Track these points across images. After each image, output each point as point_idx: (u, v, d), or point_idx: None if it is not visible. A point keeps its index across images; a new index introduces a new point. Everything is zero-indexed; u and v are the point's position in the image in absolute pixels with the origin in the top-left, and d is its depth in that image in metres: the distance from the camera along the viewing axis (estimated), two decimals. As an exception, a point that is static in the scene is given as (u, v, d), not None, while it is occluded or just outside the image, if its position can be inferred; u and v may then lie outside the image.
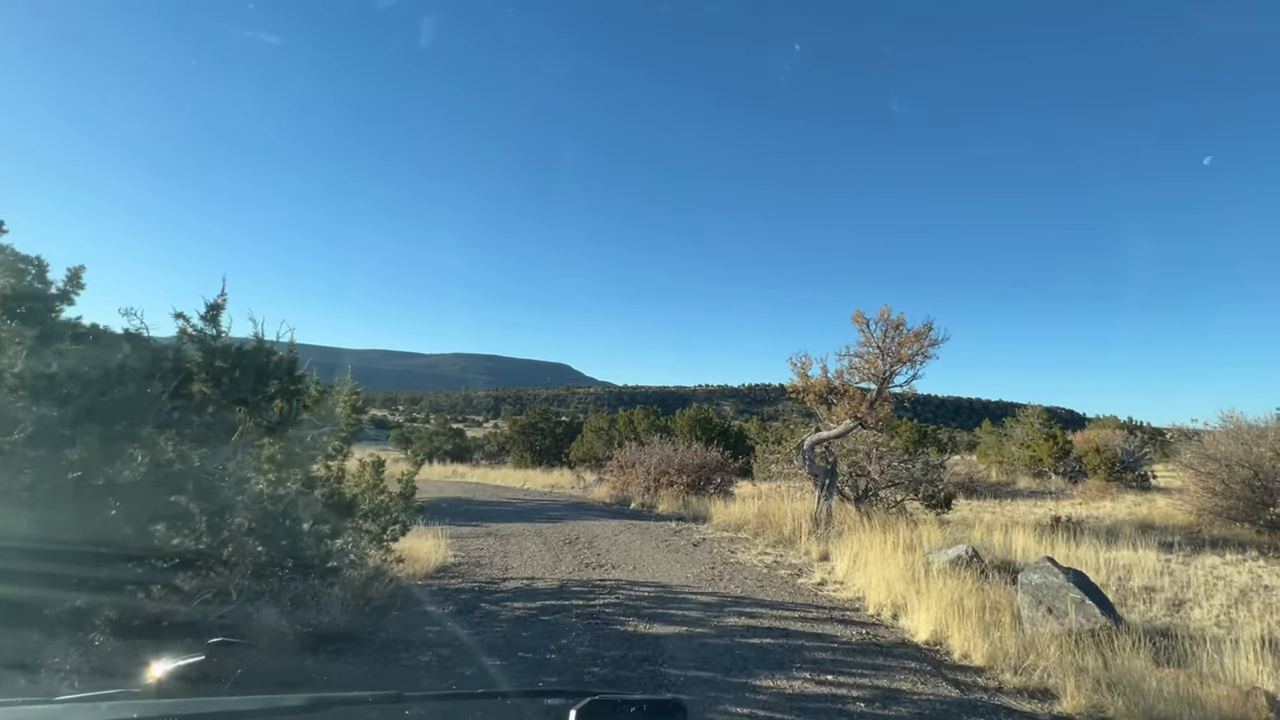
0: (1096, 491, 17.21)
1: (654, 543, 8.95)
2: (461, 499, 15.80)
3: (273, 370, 4.01)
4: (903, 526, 8.80)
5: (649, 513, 13.26)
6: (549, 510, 13.43)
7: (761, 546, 8.48)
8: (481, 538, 9.44)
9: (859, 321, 9.34)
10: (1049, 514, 13.61)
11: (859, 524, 9.01)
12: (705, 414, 27.27)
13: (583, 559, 7.70)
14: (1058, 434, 21.42)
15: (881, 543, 7.36)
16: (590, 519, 11.77)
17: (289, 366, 4.15)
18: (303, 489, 4.37)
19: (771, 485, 12.21)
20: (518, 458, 31.20)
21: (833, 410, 10.08)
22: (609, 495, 15.91)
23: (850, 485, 10.85)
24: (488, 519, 11.74)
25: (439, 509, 13.52)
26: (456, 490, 18.43)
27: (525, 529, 10.29)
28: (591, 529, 10.29)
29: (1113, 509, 14.52)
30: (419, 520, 10.11)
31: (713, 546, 8.71)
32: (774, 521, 9.57)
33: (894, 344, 9.07)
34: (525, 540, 9.15)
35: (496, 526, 10.66)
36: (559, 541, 9.00)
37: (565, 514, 12.66)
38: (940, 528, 8.59)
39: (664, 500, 14.03)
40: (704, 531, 10.12)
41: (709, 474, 15.34)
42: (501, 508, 13.84)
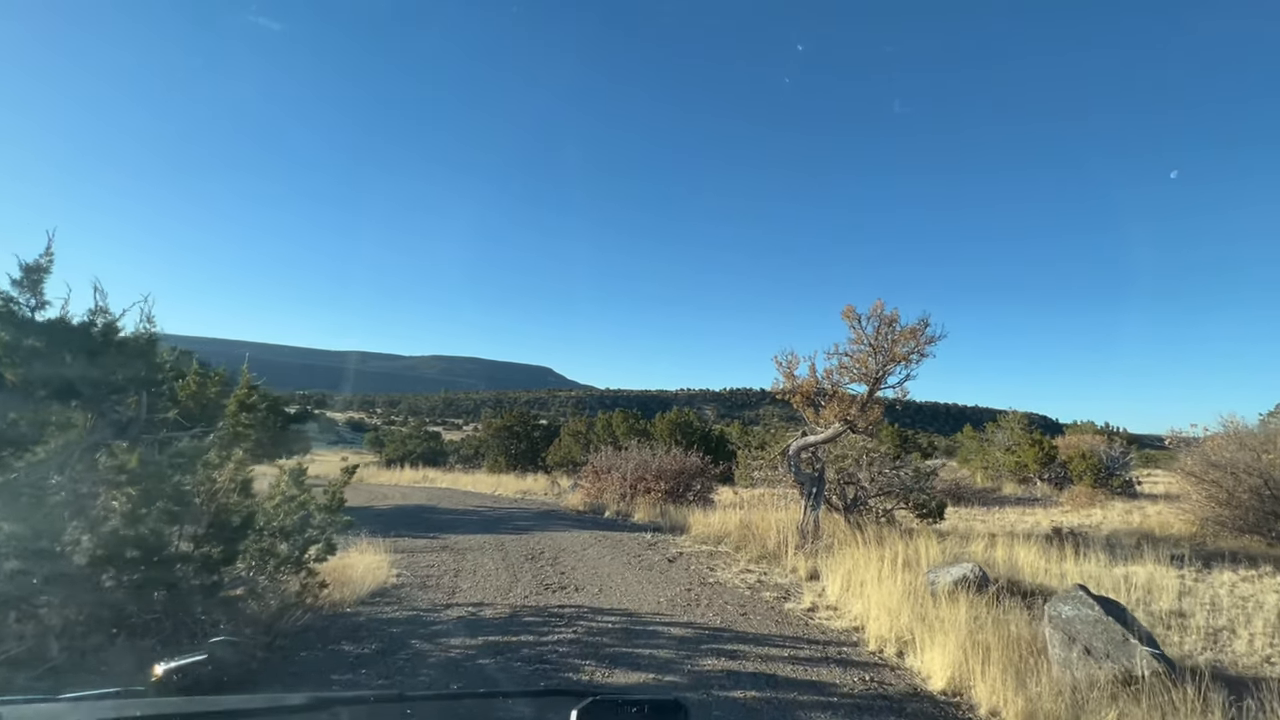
0: (1085, 498, 16.76)
1: (625, 558, 8.08)
2: (425, 506, 14.78)
3: (117, 354, 3.08)
4: (897, 539, 8.06)
5: (624, 522, 12.39)
6: (516, 519, 12.50)
7: (744, 562, 7.66)
8: (435, 552, 8.49)
9: (849, 317, 8.61)
10: (1041, 523, 13.04)
11: (849, 537, 8.25)
12: (686, 418, 26.49)
13: (543, 578, 6.81)
14: (1043, 440, 21.03)
15: (876, 559, 6.61)
16: (559, 529, 10.87)
17: (142, 350, 3.23)
18: (170, 504, 3.44)
19: (755, 492, 11.42)
20: (492, 462, 30.07)
21: (820, 413, 9.33)
22: (582, 503, 15.01)
23: (838, 494, 10.11)
24: (448, 529, 10.77)
25: (397, 518, 12.52)
26: (422, 497, 17.37)
27: (486, 541, 9.36)
28: (559, 541, 9.40)
29: (1105, 517, 14.01)
30: (366, 532, 9.17)
31: (690, 562, 7.87)
32: (757, 533, 8.77)
33: (887, 341, 8.35)
34: (483, 555, 8.23)
35: (455, 539, 9.71)
36: (520, 557, 8.10)
37: (533, 524, 11.74)
38: (938, 542, 7.88)
39: (640, 508, 13.18)
40: (681, 544, 9.29)
41: (688, 480, 14.54)
42: (466, 516, 12.86)
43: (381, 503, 15.68)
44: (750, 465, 10.36)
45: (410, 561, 7.82)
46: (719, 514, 10.54)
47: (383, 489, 21.06)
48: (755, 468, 10.05)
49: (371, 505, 15.13)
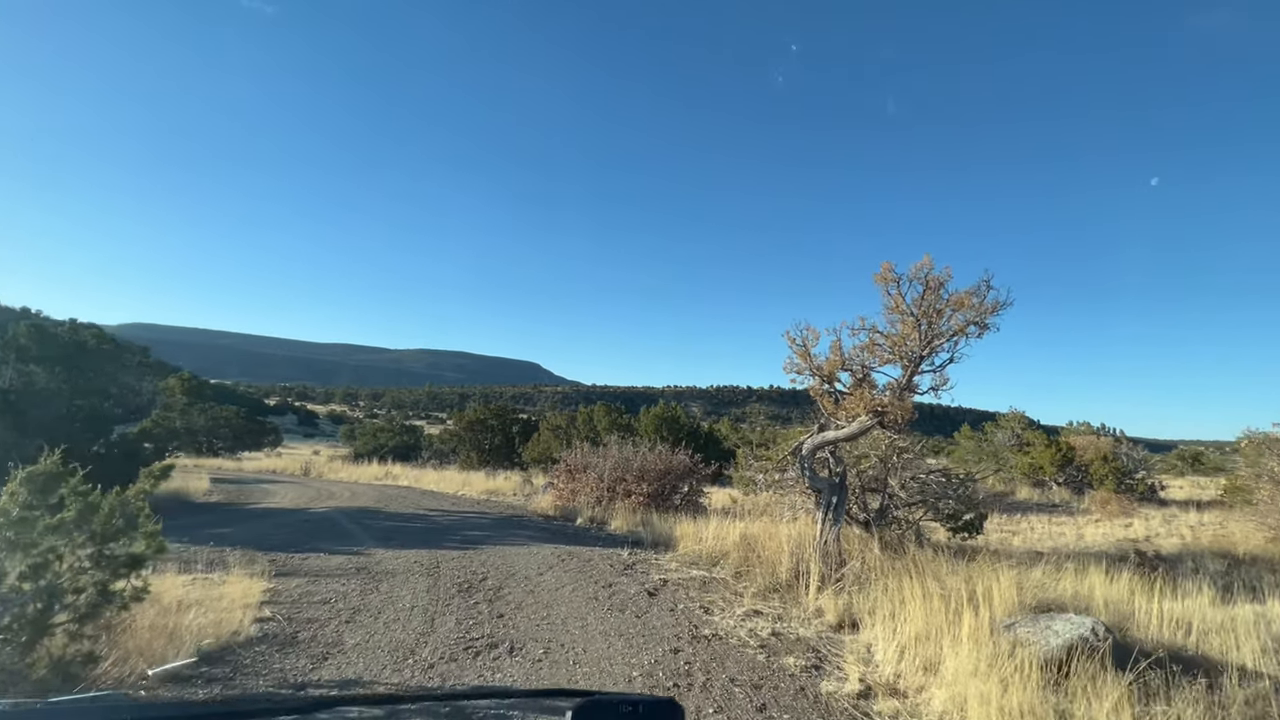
0: (1114, 505, 15.08)
1: (592, 589, 6.13)
2: (369, 510, 12.72)
3: None
4: (943, 566, 6.21)
5: (598, 532, 10.44)
6: (470, 528, 10.49)
7: (749, 599, 5.73)
8: (344, 577, 6.49)
9: (886, 279, 6.71)
10: (1086, 536, 11.29)
11: (882, 562, 6.38)
12: (672, 413, 24.59)
13: (470, 627, 4.84)
14: (1059, 440, 19.40)
15: (930, 598, 4.74)
16: (517, 543, 8.90)
17: None
18: None
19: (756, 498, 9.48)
20: (465, 458, 27.95)
21: (841, 403, 7.45)
22: (553, 507, 13.04)
23: (858, 503, 8.24)
24: (380, 541, 8.76)
25: (325, 526, 10.46)
26: (372, 497, 15.28)
27: (419, 561, 7.37)
28: (511, 562, 7.43)
29: (1154, 529, 12.30)
30: (272, 546, 7.14)
31: (678, 597, 5.94)
32: (763, 554, 6.86)
33: (933, 310, 6.47)
34: (405, 584, 6.24)
35: (383, 555, 7.70)
36: (453, 587, 6.11)
37: (488, 534, 9.74)
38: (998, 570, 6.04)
39: (619, 515, 11.24)
40: (666, 566, 7.36)
41: (675, 482, 12.62)
42: (410, 524, 10.83)
43: (320, 504, 13.59)
44: (751, 468, 8.43)
45: (302, 593, 5.81)
46: (713, 525, 8.62)
47: (333, 487, 18.92)
48: (758, 470, 8.13)
49: (307, 507, 13.05)
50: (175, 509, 12.34)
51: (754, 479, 8.26)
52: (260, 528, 10.08)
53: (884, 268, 6.68)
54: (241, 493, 16.29)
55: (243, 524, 10.51)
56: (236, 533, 9.38)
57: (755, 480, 8.12)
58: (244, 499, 14.76)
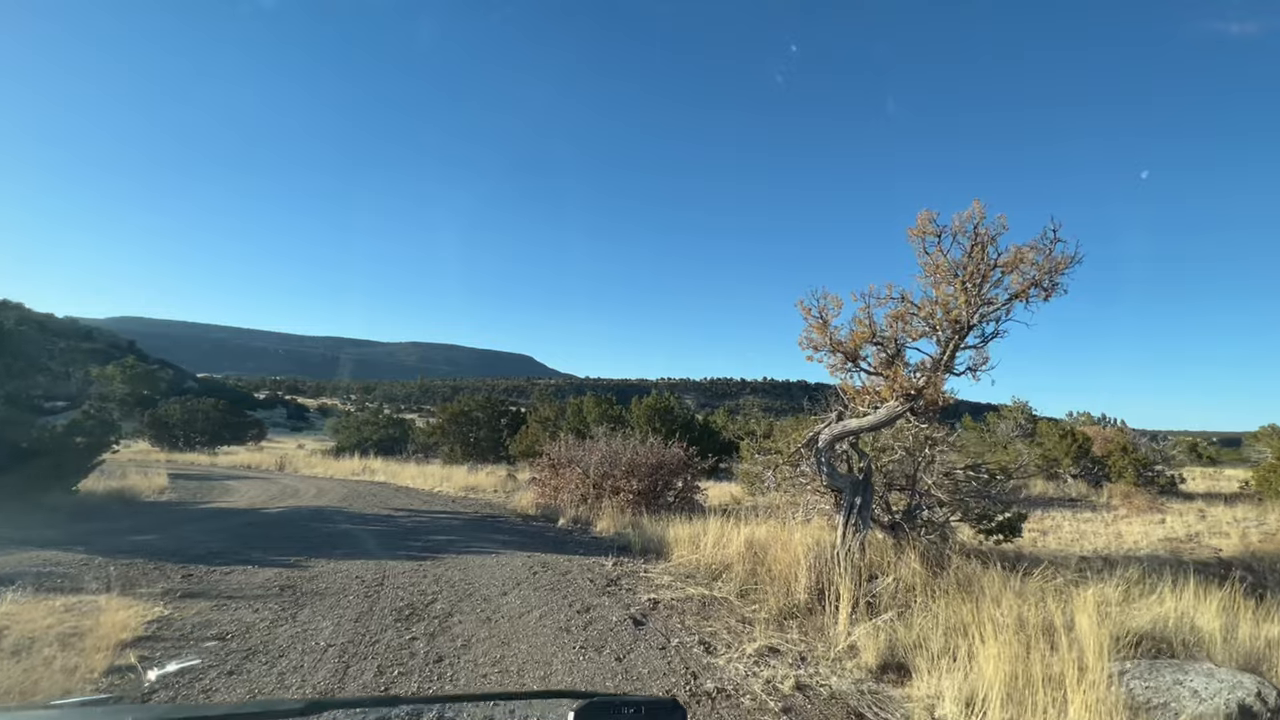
0: (1141, 500, 14.03)
1: (565, 615, 4.94)
2: (329, 509, 11.48)
3: None
4: (995, 580, 5.06)
5: (580, 536, 9.25)
6: (436, 531, 9.27)
7: (760, 630, 4.55)
8: (262, 600, 5.26)
9: (923, 233, 5.51)
10: (1127, 536, 10.20)
11: (920, 576, 5.22)
12: (666, 403, 23.39)
13: (394, 679, 3.60)
14: (1077, 431, 18.35)
15: (1005, 632, 3.60)
16: (486, 550, 7.69)
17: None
18: None
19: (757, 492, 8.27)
20: (448, 452, 26.66)
21: (864, 385, 6.28)
22: (534, 505, 11.85)
23: (880, 503, 7.07)
24: (326, 549, 7.53)
25: (270, 529, 9.16)
26: (338, 495, 14.03)
27: (362, 576, 6.15)
28: (473, 576, 6.23)
29: (1189, 526, 11.24)
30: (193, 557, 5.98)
31: (670, 627, 4.75)
32: (775, 567, 5.68)
33: (985, 269, 5.28)
34: (333, 609, 5.02)
35: (321, 569, 6.48)
36: (391, 613, 4.90)
37: (455, 539, 8.53)
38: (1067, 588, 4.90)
39: (605, 515, 10.06)
40: (657, 581, 6.17)
41: (668, 478, 11.44)
42: (369, 526, 9.60)
43: (279, 503, 12.33)
44: (757, 462, 7.23)
45: (195, 625, 4.57)
46: (712, 528, 7.44)
47: (302, 483, 17.63)
48: (767, 466, 6.92)
49: (263, 507, 11.79)
50: (115, 510, 11.06)
51: (761, 476, 7.07)
52: (196, 532, 8.83)
53: (921, 219, 5.48)
54: (199, 490, 15.01)
55: (180, 528, 9.25)
56: (163, 540, 8.12)
57: (763, 477, 6.93)
58: (198, 497, 13.48)
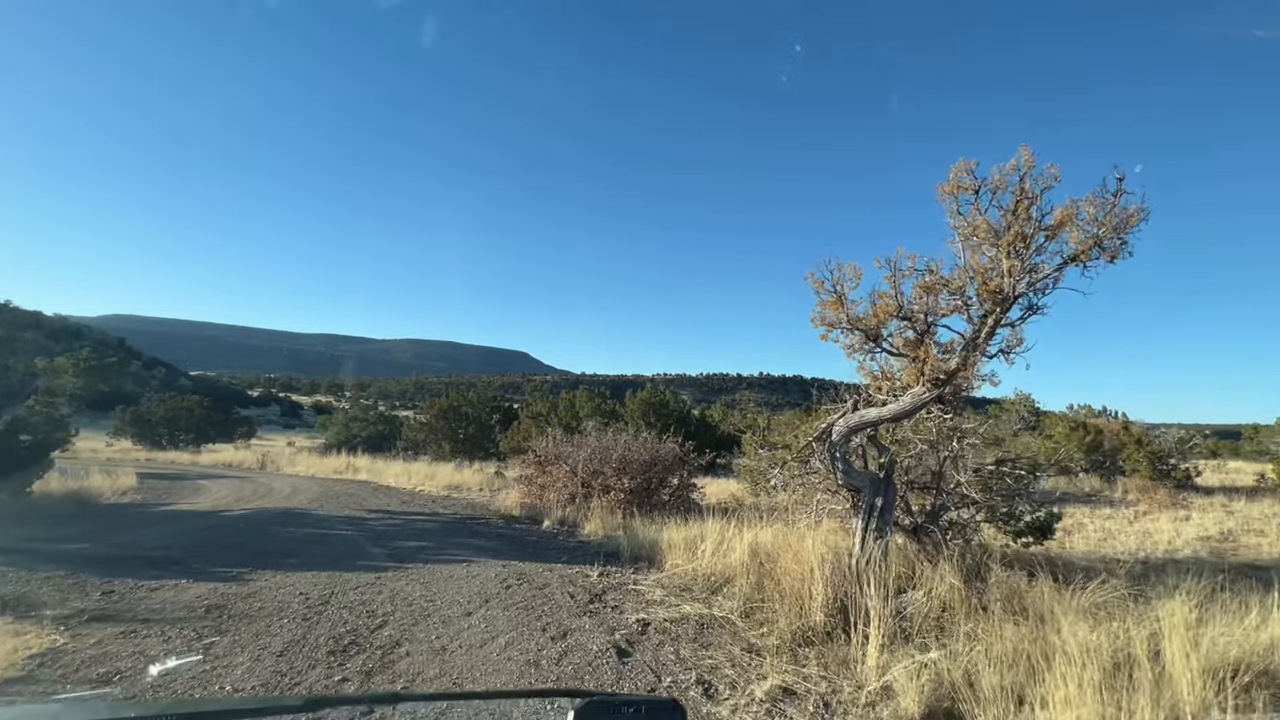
0: (1162, 495, 13.31)
1: (537, 643, 4.13)
2: (298, 511, 10.65)
3: None
4: (1044, 594, 4.30)
5: (566, 539, 8.44)
6: (408, 535, 8.45)
7: (772, 662, 3.74)
8: (181, 624, 4.44)
9: (958, 189, 4.69)
10: (1158, 536, 9.45)
11: (958, 591, 4.43)
12: (661, 397, 22.59)
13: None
14: (1088, 423, 17.65)
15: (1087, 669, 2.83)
16: (459, 557, 6.88)
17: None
18: None
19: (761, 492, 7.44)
20: (436, 449, 25.80)
21: (881, 372, 5.48)
22: (518, 505, 11.04)
23: (901, 504, 6.27)
24: (279, 558, 6.70)
25: (227, 534, 8.28)
26: (314, 495, 13.20)
27: (307, 593, 5.33)
28: (437, 591, 5.42)
29: (1219, 523, 10.51)
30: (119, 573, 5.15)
31: (662, 660, 3.94)
32: (784, 581, 4.87)
33: (1030, 229, 4.47)
34: (260, 637, 4.20)
35: (265, 583, 5.66)
36: (327, 643, 4.08)
37: (427, 545, 7.72)
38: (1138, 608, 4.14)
39: (594, 516, 9.26)
40: (648, 595, 5.37)
41: (662, 475, 10.65)
42: (335, 531, 8.77)
43: (246, 505, 11.49)
44: (761, 459, 6.42)
45: (89, 659, 3.73)
46: (711, 531, 6.64)
47: (279, 482, 16.77)
48: (771, 463, 6.12)
49: (227, 509, 10.95)
50: (66, 513, 10.21)
51: (766, 474, 6.26)
52: (143, 538, 8.00)
53: (956, 172, 4.66)
54: (167, 491, 14.15)
55: (128, 533, 8.42)
56: (100, 548, 7.29)
57: (768, 475, 6.12)
58: (163, 499, 12.63)
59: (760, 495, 5.97)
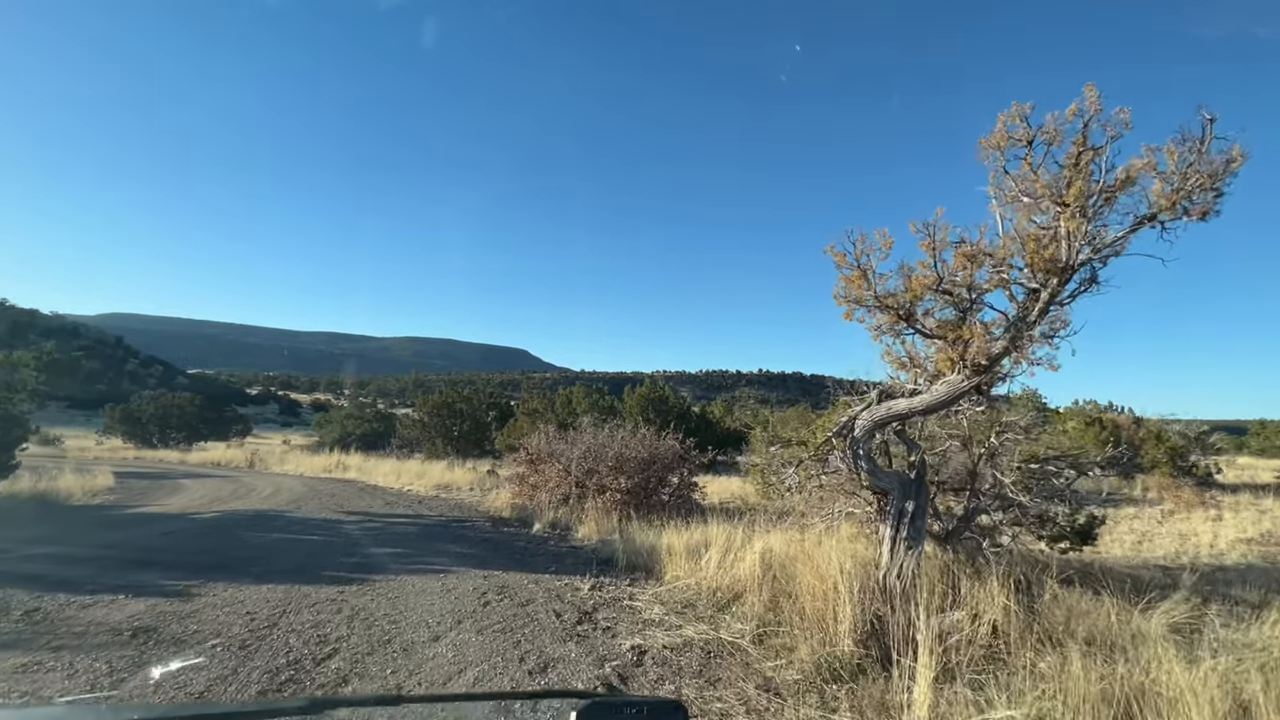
0: (1189, 494, 12.65)
1: (512, 675, 3.47)
2: (273, 513, 9.98)
3: None
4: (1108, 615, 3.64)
5: (558, 544, 7.77)
6: (385, 541, 7.78)
7: (794, 702, 3.08)
8: (101, 651, 3.76)
9: (1001, 142, 4.01)
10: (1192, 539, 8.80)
11: (1013, 614, 3.77)
12: (660, 392, 21.91)
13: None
14: (1105, 418, 16.99)
15: None
16: (434, 568, 6.22)
17: None
18: None
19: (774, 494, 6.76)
20: (430, 447, 25.10)
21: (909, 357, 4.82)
22: (509, 506, 10.38)
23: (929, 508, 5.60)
24: (241, 567, 6.03)
25: (198, 537, 7.61)
26: (295, 495, 12.53)
27: (256, 611, 4.66)
28: (404, 608, 4.75)
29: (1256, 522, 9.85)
30: None
31: (663, 692, 3.29)
32: (803, 598, 4.21)
33: (1096, 186, 3.79)
34: (177, 676, 3.52)
35: (212, 598, 4.99)
36: (259, 682, 3.38)
37: (402, 552, 7.05)
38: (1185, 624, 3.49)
39: (589, 518, 8.59)
40: (645, 614, 4.70)
41: (662, 474, 9.98)
42: (308, 536, 8.10)
43: (222, 506, 10.82)
44: (774, 457, 5.74)
45: None
46: (716, 537, 5.97)
47: (263, 481, 16.11)
48: (785, 461, 5.44)
49: (200, 511, 10.27)
50: (26, 516, 9.56)
51: (779, 474, 5.58)
52: (97, 545, 7.33)
53: (1004, 120, 3.96)
54: (144, 491, 13.49)
55: (83, 539, 7.76)
56: (43, 556, 6.62)
57: (781, 475, 5.44)
58: (136, 500, 11.97)
59: (772, 497, 5.29)
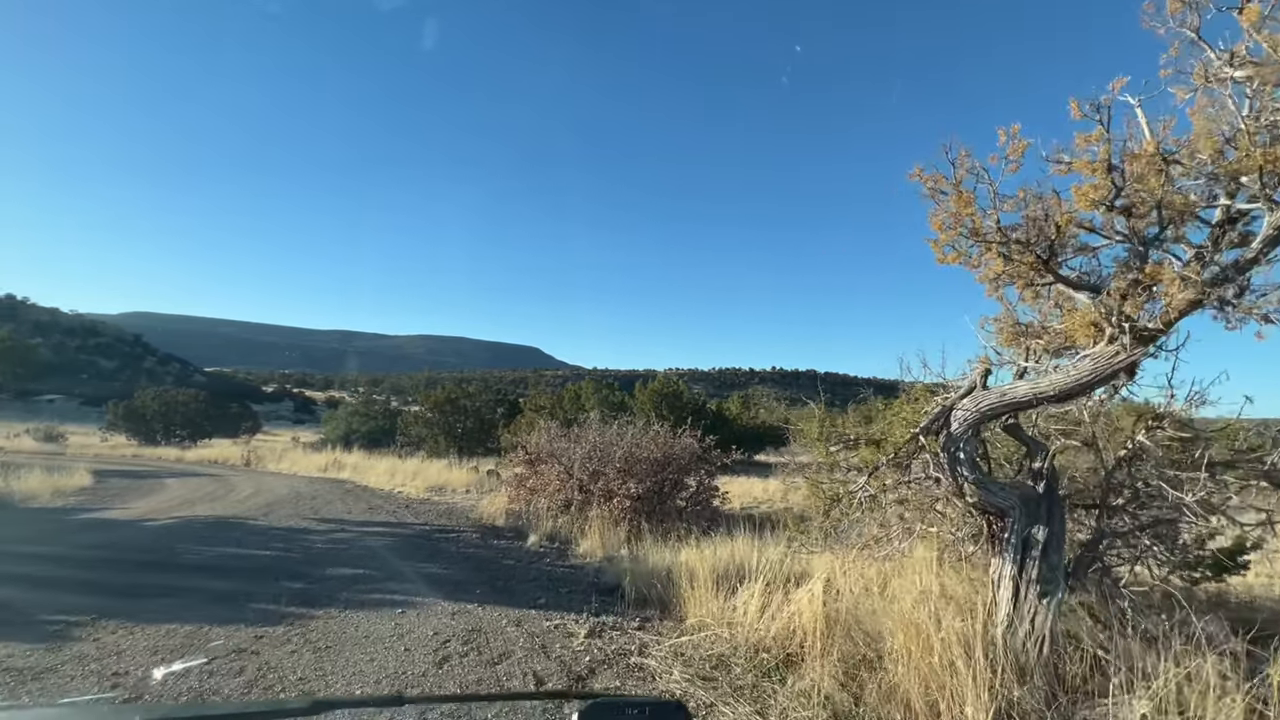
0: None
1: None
2: (239, 519, 8.78)
3: None
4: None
5: (554, 561, 6.46)
6: (349, 558, 6.51)
7: None
8: None
9: None
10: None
11: (1225, 709, 2.40)
12: (674, 387, 20.54)
13: None
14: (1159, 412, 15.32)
15: None
16: (395, 598, 4.93)
17: None
18: None
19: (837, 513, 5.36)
20: (432, 445, 23.94)
21: (1031, 324, 3.47)
22: (503, 513, 9.09)
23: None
24: (157, 595, 4.79)
25: (132, 550, 6.42)
26: (276, 497, 11.37)
27: (126, 670, 3.40)
28: (326, 669, 3.46)
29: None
30: None
31: None
32: (898, 681, 2.87)
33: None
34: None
35: (93, 641, 3.74)
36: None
37: (364, 573, 5.77)
38: None
39: (592, 529, 7.28)
40: (662, 680, 3.37)
41: (677, 476, 8.66)
42: (264, 549, 6.86)
43: (186, 510, 9.65)
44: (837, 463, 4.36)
45: None
46: (748, 559, 4.65)
47: (249, 481, 15.00)
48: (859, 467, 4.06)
49: (156, 517, 9.10)
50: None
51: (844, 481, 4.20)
52: (17, 557, 6.18)
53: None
54: (118, 492, 12.42)
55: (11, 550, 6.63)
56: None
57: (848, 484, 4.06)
58: (102, 502, 10.88)
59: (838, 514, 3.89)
